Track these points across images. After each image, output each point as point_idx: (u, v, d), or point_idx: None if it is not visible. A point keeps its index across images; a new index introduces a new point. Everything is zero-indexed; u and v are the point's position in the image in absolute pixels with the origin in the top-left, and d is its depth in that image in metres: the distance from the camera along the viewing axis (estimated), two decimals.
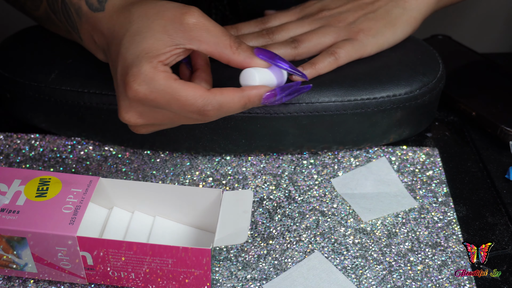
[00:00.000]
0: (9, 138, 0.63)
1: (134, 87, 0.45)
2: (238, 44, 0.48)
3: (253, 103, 0.48)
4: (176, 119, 0.48)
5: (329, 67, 0.58)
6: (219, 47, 0.47)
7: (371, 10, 0.60)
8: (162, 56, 0.46)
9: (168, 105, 0.46)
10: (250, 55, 0.48)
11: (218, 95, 0.47)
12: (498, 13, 1.05)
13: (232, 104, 0.47)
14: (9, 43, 0.64)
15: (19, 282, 0.50)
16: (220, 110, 0.47)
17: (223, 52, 0.47)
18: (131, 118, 0.48)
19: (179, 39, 0.47)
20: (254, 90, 0.48)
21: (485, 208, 0.57)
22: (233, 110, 0.48)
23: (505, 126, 0.62)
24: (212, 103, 0.46)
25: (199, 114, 0.47)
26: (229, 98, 0.47)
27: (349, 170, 0.60)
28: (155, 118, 0.48)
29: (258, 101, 0.49)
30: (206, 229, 0.53)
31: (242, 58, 0.48)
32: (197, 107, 0.46)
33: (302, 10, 0.63)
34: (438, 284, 0.50)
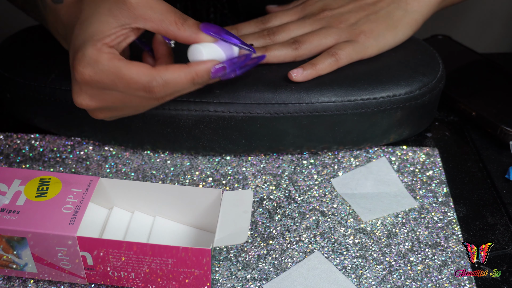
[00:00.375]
0: (9, 138, 0.63)
1: (80, 69, 0.47)
2: (184, 20, 0.48)
3: (202, 78, 0.48)
4: (126, 100, 0.49)
5: (330, 68, 0.58)
6: (164, 23, 0.48)
7: (372, 12, 0.60)
8: (107, 38, 0.47)
9: (114, 85, 0.47)
10: (196, 31, 0.48)
11: (163, 71, 0.47)
12: (498, 13, 1.05)
13: (179, 79, 0.47)
14: (9, 43, 0.64)
15: (19, 282, 0.50)
16: (167, 87, 0.47)
17: (169, 29, 0.48)
18: (83, 101, 0.49)
19: (124, 19, 0.47)
20: (201, 65, 0.48)
21: (485, 208, 0.57)
22: (181, 87, 0.48)
23: (505, 126, 0.62)
24: (156, 79, 0.46)
25: (145, 91, 0.47)
26: (175, 74, 0.47)
27: (349, 170, 0.60)
28: (106, 100, 0.49)
29: (207, 76, 0.48)
30: (206, 229, 0.53)
31: (188, 34, 0.48)
32: (142, 84, 0.46)
33: (303, 8, 0.63)
34: (438, 284, 0.50)
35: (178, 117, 0.57)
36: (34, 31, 0.66)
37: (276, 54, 0.58)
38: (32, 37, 0.65)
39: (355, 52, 0.58)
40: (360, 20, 0.60)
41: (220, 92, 0.57)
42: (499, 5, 1.04)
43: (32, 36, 0.65)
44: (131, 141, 0.60)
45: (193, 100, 0.57)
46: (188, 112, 0.57)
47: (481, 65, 0.72)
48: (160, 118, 0.57)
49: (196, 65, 0.48)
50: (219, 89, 0.57)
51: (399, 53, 0.61)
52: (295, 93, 0.57)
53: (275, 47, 0.58)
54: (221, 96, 0.57)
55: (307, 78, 0.57)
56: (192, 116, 0.57)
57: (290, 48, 0.58)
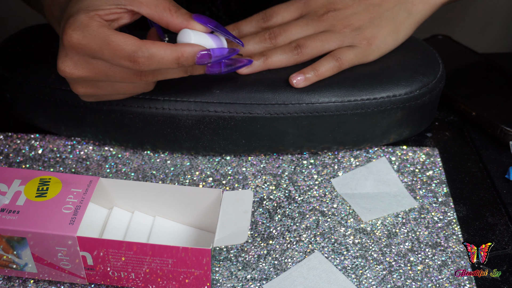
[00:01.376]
0: (9, 138, 0.63)
1: (69, 32, 0.48)
2: (177, 8, 0.50)
3: (186, 60, 0.49)
4: (110, 72, 0.49)
5: (331, 72, 0.58)
6: (159, 9, 0.49)
7: (377, 15, 0.59)
8: (101, 11, 0.48)
9: (100, 52, 0.48)
10: (188, 19, 0.50)
11: (150, 44, 0.48)
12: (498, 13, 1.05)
13: (164, 55, 0.48)
14: (9, 43, 0.64)
15: (19, 282, 0.50)
16: (151, 60, 0.48)
17: (162, 15, 0.49)
18: (66, 68, 0.49)
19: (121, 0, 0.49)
20: (188, 47, 0.49)
21: (485, 208, 0.57)
22: (165, 63, 0.48)
23: (505, 126, 0.62)
24: (142, 50, 0.47)
25: (130, 61, 0.47)
26: (161, 49, 0.48)
27: (349, 170, 0.60)
28: (90, 70, 0.49)
29: (192, 59, 0.49)
30: (206, 229, 0.53)
31: (180, 21, 0.50)
32: (128, 52, 0.47)
33: (306, 3, 0.61)
34: (438, 284, 0.50)
35: (178, 117, 0.57)
36: (34, 31, 0.66)
37: (277, 61, 0.58)
38: (32, 37, 0.65)
39: (357, 57, 0.58)
40: (363, 24, 0.59)
41: (220, 92, 0.57)
42: (499, 5, 1.04)
43: (32, 36, 0.65)
44: (131, 141, 0.60)
45: (193, 100, 0.57)
46: (188, 112, 0.57)
47: (481, 65, 0.72)
48: (160, 118, 0.57)
49: (183, 46, 0.49)
50: (219, 89, 0.57)
51: (399, 53, 0.61)
52: (295, 93, 0.57)
53: (276, 53, 0.58)
54: (221, 96, 0.57)
55: (309, 84, 0.57)
56: (192, 116, 0.57)
57: (292, 53, 0.58)
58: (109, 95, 0.54)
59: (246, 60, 0.55)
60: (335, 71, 0.58)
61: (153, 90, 0.57)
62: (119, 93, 0.53)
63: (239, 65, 0.54)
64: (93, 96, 0.54)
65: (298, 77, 0.56)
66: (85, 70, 0.50)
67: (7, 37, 0.65)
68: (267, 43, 0.59)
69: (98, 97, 0.54)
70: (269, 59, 0.58)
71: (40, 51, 0.62)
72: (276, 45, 0.59)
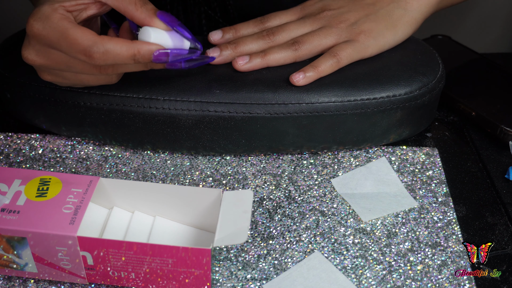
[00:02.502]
0: (9, 138, 0.63)
1: (31, 22, 0.49)
2: (143, 3, 0.51)
3: (143, 57, 0.49)
4: (70, 63, 0.51)
5: (331, 69, 0.58)
6: (125, 2, 0.50)
7: (372, 11, 0.60)
8: (66, 3, 0.50)
9: (59, 44, 0.49)
10: (151, 15, 0.51)
11: (106, 40, 0.49)
12: (498, 13, 1.05)
13: (120, 52, 0.49)
14: (9, 43, 0.64)
15: (20, 282, 0.50)
16: (106, 55, 0.49)
17: (128, 8, 0.50)
18: (28, 56, 0.51)
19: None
20: (145, 45, 0.49)
21: (485, 208, 0.57)
22: (121, 59, 0.49)
23: (505, 126, 0.62)
24: (97, 46, 0.48)
25: (85, 55, 0.48)
26: (117, 45, 0.49)
27: (349, 170, 0.60)
28: (51, 59, 0.51)
29: (148, 56, 0.50)
30: (206, 229, 0.53)
31: (144, 16, 0.50)
32: (83, 46, 0.48)
33: (302, 9, 0.63)
34: (438, 284, 0.50)
35: (178, 117, 0.57)
36: None
37: (276, 58, 0.58)
38: None
39: (355, 52, 0.58)
40: (359, 19, 0.60)
41: (220, 92, 0.57)
42: (499, 5, 1.04)
43: None
44: (131, 141, 0.60)
45: (193, 100, 0.57)
46: (188, 112, 0.57)
47: (481, 65, 0.72)
48: (160, 118, 0.57)
49: (140, 43, 0.50)
50: (219, 89, 0.57)
51: (399, 53, 0.62)
52: (295, 93, 0.57)
53: (275, 50, 0.58)
54: (221, 96, 0.57)
55: (309, 81, 0.57)
56: (192, 116, 0.57)
57: (290, 49, 0.58)
58: (75, 83, 0.55)
59: (207, 58, 0.56)
60: (335, 67, 0.58)
61: (153, 90, 0.57)
62: (84, 84, 0.55)
63: (201, 62, 0.55)
64: (63, 83, 0.56)
65: (299, 75, 0.57)
66: (46, 59, 0.51)
67: (7, 37, 0.65)
68: (265, 40, 0.59)
69: (66, 83, 0.56)
70: (267, 56, 0.58)
71: None
72: (274, 43, 0.59)
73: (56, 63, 0.51)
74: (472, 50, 0.74)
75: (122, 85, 0.58)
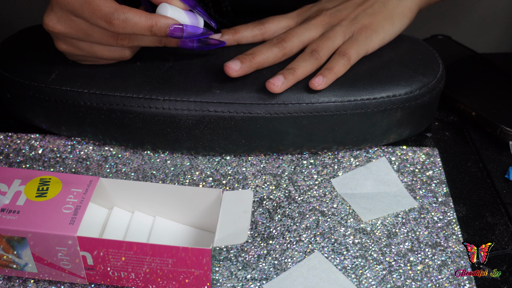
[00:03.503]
0: (9, 138, 0.63)
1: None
2: None
3: (159, 30, 0.52)
4: (90, 31, 0.53)
5: (344, 68, 0.58)
6: None
7: (368, 5, 0.61)
8: None
9: (81, 9, 0.51)
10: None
11: (127, 9, 0.51)
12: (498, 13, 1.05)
13: (138, 21, 0.51)
14: (9, 43, 0.64)
15: (19, 282, 0.50)
16: (126, 23, 0.51)
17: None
18: (49, 22, 0.53)
19: None
20: (162, 18, 0.52)
21: (485, 208, 0.57)
22: (139, 28, 0.52)
23: (505, 126, 0.62)
24: (118, 13, 0.51)
25: (106, 22, 0.51)
26: (137, 15, 0.51)
27: (349, 170, 0.60)
28: (71, 27, 0.53)
29: (164, 30, 0.52)
30: (206, 229, 0.53)
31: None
32: (105, 13, 0.51)
33: (299, 14, 0.63)
34: (438, 284, 0.50)
35: (178, 117, 0.57)
36: (34, 31, 0.66)
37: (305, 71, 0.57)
38: (32, 37, 0.65)
39: (361, 47, 0.59)
40: (358, 15, 0.61)
41: (220, 92, 0.57)
42: (499, 5, 1.04)
43: (32, 36, 0.65)
44: (131, 141, 0.60)
45: (193, 100, 0.57)
46: (188, 112, 0.57)
47: (481, 65, 0.72)
48: (160, 118, 0.57)
49: (159, 16, 0.52)
50: (219, 89, 0.57)
51: (399, 53, 0.62)
52: (295, 93, 0.57)
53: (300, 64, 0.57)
54: (221, 96, 0.57)
55: (328, 84, 0.57)
56: (192, 116, 0.57)
57: (312, 59, 0.58)
58: (89, 58, 0.57)
59: (218, 41, 0.58)
60: (347, 66, 0.58)
61: (153, 90, 0.57)
62: (97, 56, 0.56)
63: (212, 44, 0.57)
64: (75, 55, 0.57)
65: (320, 80, 0.56)
66: (66, 26, 0.53)
67: (7, 37, 0.65)
68: (279, 48, 0.58)
69: (79, 58, 0.58)
70: (297, 72, 0.57)
71: (40, 51, 0.62)
72: (287, 50, 0.59)
73: (75, 31, 0.53)
74: (472, 50, 0.74)
75: (122, 85, 0.58)
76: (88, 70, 0.59)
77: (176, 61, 0.60)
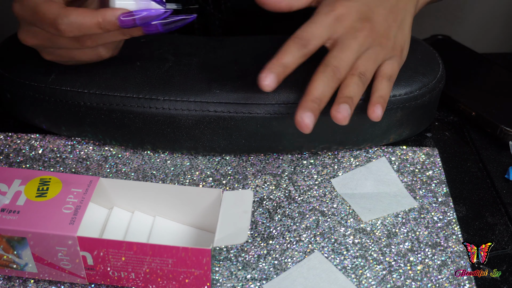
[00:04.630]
0: (9, 138, 0.63)
1: (12, 4, 0.52)
2: None
3: (109, 23, 0.50)
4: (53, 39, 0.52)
5: (390, 90, 0.55)
6: None
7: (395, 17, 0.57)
8: None
9: (33, 20, 0.51)
10: None
11: (70, 11, 0.50)
12: (498, 13, 1.05)
13: (84, 21, 0.49)
14: (9, 43, 0.64)
15: (19, 282, 0.50)
16: (72, 26, 0.49)
17: None
18: (21, 36, 0.54)
19: None
20: (108, 11, 0.50)
21: (485, 208, 0.57)
22: (87, 28, 0.50)
23: (505, 126, 0.62)
24: (61, 17, 0.49)
25: (54, 28, 0.50)
26: (80, 15, 0.49)
27: (349, 170, 0.60)
28: (38, 38, 0.53)
29: (114, 22, 0.50)
30: (206, 229, 0.53)
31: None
32: (50, 19, 0.49)
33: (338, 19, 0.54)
34: (438, 284, 0.50)
35: (178, 117, 0.57)
36: None
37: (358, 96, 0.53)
38: None
39: (399, 66, 0.57)
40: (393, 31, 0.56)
41: (220, 92, 0.57)
42: (499, 5, 1.04)
43: None
44: (131, 141, 0.60)
45: (193, 100, 0.57)
46: (188, 112, 0.57)
47: (481, 65, 0.72)
48: (160, 118, 0.57)
49: (104, 10, 0.50)
50: (219, 89, 0.57)
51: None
52: (295, 93, 0.57)
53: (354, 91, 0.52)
54: (221, 96, 0.57)
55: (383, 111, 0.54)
56: (192, 116, 0.57)
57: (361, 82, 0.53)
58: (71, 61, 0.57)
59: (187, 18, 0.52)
60: (391, 89, 0.55)
61: (153, 90, 0.57)
62: (76, 60, 0.56)
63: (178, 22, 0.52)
64: (63, 62, 0.57)
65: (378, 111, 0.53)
66: (34, 38, 0.53)
67: (7, 37, 0.65)
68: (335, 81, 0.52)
69: (68, 63, 0.57)
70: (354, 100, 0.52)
71: None
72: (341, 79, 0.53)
73: (43, 40, 0.53)
74: (472, 50, 0.74)
75: (122, 85, 0.58)
76: (88, 70, 0.59)
77: (176, 61, 0.60)
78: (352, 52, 0.53)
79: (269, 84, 0.50)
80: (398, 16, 0.57)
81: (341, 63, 0.52)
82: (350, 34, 0.54)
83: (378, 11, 0.55)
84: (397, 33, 0.56)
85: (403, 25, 0.57)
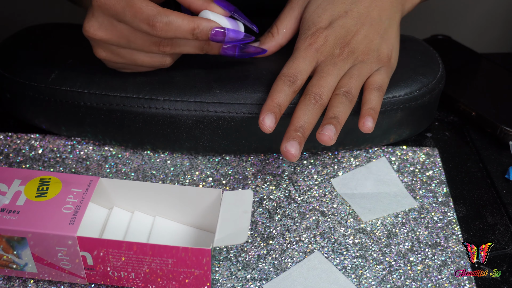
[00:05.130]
0: (9, 138, 0.63)
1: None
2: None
3: (201, 33, 0.51)
4: (131, 37, 0.52)
5: (381, 101, 0.55)
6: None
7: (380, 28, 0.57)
8: None
9: (123, 12, 0.50)
10: (208, 1, 0.53)
11: (169, 12, 0.50)
12: (498, 13, 1.05)
13: (181, 24, 0.50)
14: (9, 43, 0.64)
15: (19, 282, 0.50)
16: (169, 26, 0.50)
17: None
18: (90, 28, 0.52)
19: None
20: (204, 21, 0.51)
21: (485, 208, 0.57)
22: (181, 32, 0.51)
23: (505, 126, 0.62)
24: (161, 16, 0.50)
25: (148, 25, 0.50)
26: (179, 18, 0.50)
27: (349, 170, 0.60)
28: (112, 33, 0.52)
29: (206, 33, 0.51)
30: (206, 229, 0.53)
31: (201, 2, 0.53)
32: (147, 15, 0.49)
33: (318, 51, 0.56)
34: (438, 284, 0.50)
35: (178, 117, 0.57)
36: (34, 31, 0.66)
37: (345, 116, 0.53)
38: (32, 37, 0.65)
39: (388, 75, 0.57)
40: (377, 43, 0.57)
41: (220, 92, 0.57)
42: (499, 5, 1.04)
43: (32, 36, 0.65)
44: (131, 141, 0.60)
45: (193, 100, 0.57)
46: (188, 112, 0.57)
47: (481, 65, 0.72)
48: (160, 118, 0.57)
49: (201, 19, 0.51)
50: (219, 89, 0.57)
51: (399, 54, 0.61)
52: None
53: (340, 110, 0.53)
54: (221, 96, 0.57)
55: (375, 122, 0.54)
56: (192, 116, 0.57)
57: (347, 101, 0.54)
58: (128, 66, 0.56)
59: (260, 49, 0.57)
60: (382, 98, 0.55)
61: (153, 90, 0.57)
62: (137, 64, 0.55)
63: (253, 52, 0.56)
64: (114, 63, 0.56)
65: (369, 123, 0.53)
66: (108, 32, 0.52)
67: (7, 37, 0.65)
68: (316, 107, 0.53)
69: (118, 66, 0.56)
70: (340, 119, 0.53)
71: (40, 51, 0.62)
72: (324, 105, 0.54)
73: (117, 37, 0.52)
74: (472, 50, 0.74)
75: (122, 85, 0.58)
76: (88, 70, 0.59)
77: (176, 61, 0.60)
78: (332, 77, 0.55)
79: (270, 124, 0.52)
80: (380, 28, 0.57)
81: (321, 89, 0.54)
82: (328, 61, 0.55)
83: (357, 31, 0.56)
84: (380, 45, 0.57)
85: (387, 35, 0.57)
